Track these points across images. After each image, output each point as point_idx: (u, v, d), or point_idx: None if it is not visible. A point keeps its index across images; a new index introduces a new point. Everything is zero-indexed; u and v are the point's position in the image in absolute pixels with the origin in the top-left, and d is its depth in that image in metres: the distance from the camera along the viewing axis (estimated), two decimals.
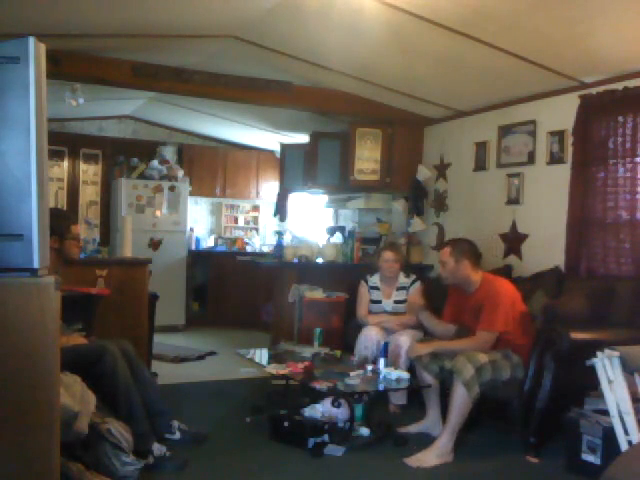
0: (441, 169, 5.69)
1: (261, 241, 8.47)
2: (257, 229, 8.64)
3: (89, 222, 7.58)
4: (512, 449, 3.48)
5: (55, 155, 7.42)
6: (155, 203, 7.35)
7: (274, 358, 4.14)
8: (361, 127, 5.80)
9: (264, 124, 7.06)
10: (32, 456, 1.81)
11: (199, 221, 8.37)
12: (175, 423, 3.41)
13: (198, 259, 7.79)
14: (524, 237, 4.80)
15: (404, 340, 4.09)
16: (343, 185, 6.11)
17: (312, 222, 7.90)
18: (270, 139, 7.66)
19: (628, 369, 2.81)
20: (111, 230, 7.52)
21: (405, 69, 4.60)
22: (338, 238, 6.26)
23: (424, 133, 5.95)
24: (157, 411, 3.34)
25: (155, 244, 7.28)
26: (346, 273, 5.54)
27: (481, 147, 5.23)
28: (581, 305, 3.70)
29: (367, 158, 5.80)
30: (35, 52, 1.76)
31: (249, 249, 8.14)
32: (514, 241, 4.87)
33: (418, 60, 4.39)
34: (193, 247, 7.91)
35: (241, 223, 8.60)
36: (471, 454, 3.43)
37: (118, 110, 7.50)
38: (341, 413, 3.53)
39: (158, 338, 5.08)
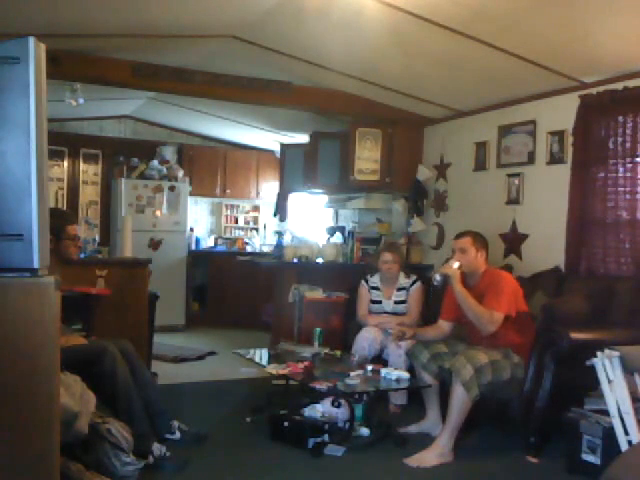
0: (441, 169, 5.69)
1: (261, 241, 8.47)
2: (257, 229, 8.64)
3: (89, 222, 7.57)
4: (512, 449, 3.48)
5: (55, 155, 7.42)
6: (155, 203, 7.35)
7: (274, 358, 4.14)
8: (361, 127, 5.80)
9: (264, 124, 7.07)
10: (32, 456, 1.81)
11: (199, 221, 8.37)
12: (175, 423, 3.41)
13: (198, 259, 7.79)
14: (524, 237, 4.80)
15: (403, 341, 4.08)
16: (343, 185, 6.10)
17: (312, 222, 7.90)
18: (270, 139, 7.66)
19: (628, 369, 2.81)
20: (111, 230, 7.52)
21: (405, 69, 4.60)
22: (338, 238, 6.26)
23: (424, 133, 5.95)
24: (157, 411, 3.34)
25: (155, 244, 7.28)
26: (346, 273, 5.54)
27: (481, 147, 5.23)
28: (581, 305, 3.70)
29: (367, 158, 5.80)
30: (35, 52, 1.76)
31: (249, 249, 8.14)
32: (514, 241, 4.86)
33: (418, 60, 4.39)
34: (193, 247, 7.91)
35: (241, 223, 8.59)
36: (471, 454, 3.43)
37: (118, 110, 7.50)
38: (341, 413, 3.54)
39: (158, 338, 5.08)
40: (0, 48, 1.73)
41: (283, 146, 6.85)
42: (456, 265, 3.63)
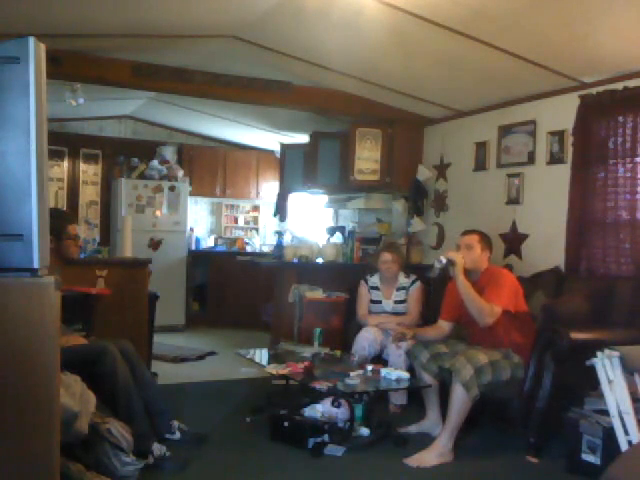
0: (441, 169, 5.69)
1: (261, 241, 8.47)
2: (257, 229, 8.64)
3: (89, 222, 7.58)
4: (512, 449, 3.48)
5: (55, 155, 7.42)
6: (155, 203, 7.35)
7: (274, 358, 4.14)
8: (361, 127, 5.80)
9: (264, 124, 7.06)
10: (32, 456, 1.81)
11: (199, 221, 8.37)
12: (175, 423, 3.41)
13: (198, 259, 7.79)
14: (524, 237, 4.80)
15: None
16: (343, 185, 6.10)
17: (312, 222, 7.89)
18: (270, 139, 7.66)
19: (628, 369, 2.81)
20: (111, 230, 7.52)
21: (405, 69, 4.60)
22: (338, 238, 6.26)
23: (424, 133, 5.95)
24: (157, 411, 3.34)
25: (155, 244, 7.28)
26: (346, 273, 5.54)
27: (481, 147, 5.23)
28: (581, 305, 3.70)
29: (367, 158, 5.80)
30: (35, 52, 1.75)
31: (249, 249, 8.14)
32: (514, 241, 4.86)
33: (418, 60, 4.39)
34: (193, 247, 7.91)
35: (241, 223, 8.60)
36: (471, 454, 3.43)
37: (118, 110, 7.50)
38: (341, 413, 3.54)
39: (158, 338, 5.09)
40: (0, 48, 1.73)
41: (283, 146, 6.85)
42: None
